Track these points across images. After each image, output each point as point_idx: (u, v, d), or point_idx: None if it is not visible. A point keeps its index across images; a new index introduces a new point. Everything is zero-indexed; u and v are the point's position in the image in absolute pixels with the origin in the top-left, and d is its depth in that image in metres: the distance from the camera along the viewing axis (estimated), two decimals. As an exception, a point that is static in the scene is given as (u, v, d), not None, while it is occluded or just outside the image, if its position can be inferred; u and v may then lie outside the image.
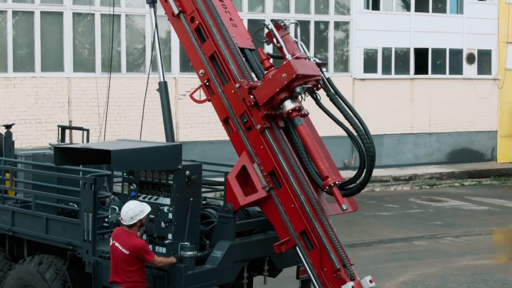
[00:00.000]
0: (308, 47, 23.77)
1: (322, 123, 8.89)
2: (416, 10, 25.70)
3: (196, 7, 8.47)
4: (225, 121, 8.35)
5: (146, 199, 7.74)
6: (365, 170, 7.75)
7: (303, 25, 23.83)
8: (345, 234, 15.66)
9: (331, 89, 8.26)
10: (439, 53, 26.28)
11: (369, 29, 24.69)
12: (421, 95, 25.82)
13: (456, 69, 26.59)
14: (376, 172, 24.13)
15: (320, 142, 8.41)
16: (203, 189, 8.84)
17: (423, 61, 25.99)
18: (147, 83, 9.62)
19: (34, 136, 20.08)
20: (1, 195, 9.77)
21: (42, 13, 20.09)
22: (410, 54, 25.67)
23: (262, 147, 7.95)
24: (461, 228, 17.88)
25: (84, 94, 20.54)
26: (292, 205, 7.72)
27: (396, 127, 25.47)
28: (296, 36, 8.59)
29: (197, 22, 8.46)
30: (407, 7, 25.81)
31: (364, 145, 7.69)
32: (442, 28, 25.99)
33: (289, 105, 7.78)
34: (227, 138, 8.33)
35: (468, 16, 26.55)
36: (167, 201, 7.61)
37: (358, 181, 7.82)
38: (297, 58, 7.85)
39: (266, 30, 8.64)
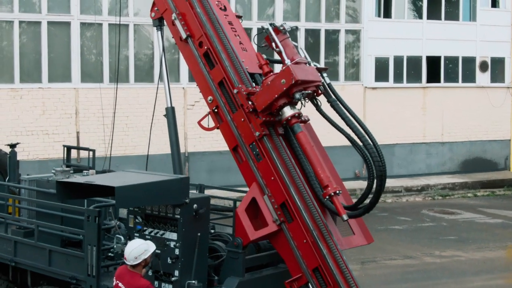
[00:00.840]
0: (318, 56, 23.47)
1: (332, 132, 8.54)
2: (429, 17, 25.29)
3: (204, 32, 8.16)
4: (234, 150, 8.05)
5: (152, 234, 7.44)
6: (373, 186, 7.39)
7: (314, 34, 23.51)
8: (357, 250, 15.18)
9: (332, 95, 7.99)
10: (451, 61, 25.87)
11: (380, 37, 24.33)
12: (433, 103, 25.41)
13: (469, 77, 26.16)
14: (388, 183, 23.59)
15: (321, 150, 8.18)
16: (211, 216, 8.55)
17: (436, 69, 25.58)
18: (156, 94, 9.23)
19: (41, 148, 19.83)
20: (4, 220, 9.53)
21: (49, 23, 19.84)
22: (422, 62, 25.27)
23: (272, 178, 7.63)
24: (475, 243, 17.49)
25: (92, 105, 20.26)
26: (305, 240, 7.40)
27: (408, 137, 25.08)
28: (298, 41, 8.43)
29: (205, 47, 8.15)
30: (419, 14, 25.42)
31: (373, 159, 7.34)
32: (454, 36, 25.58)
33: (288, 111, 7.55)
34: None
35: (481, 24, 26.11)
36: (173, 236, 7.30)
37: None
38: (296, 63, 7.61)
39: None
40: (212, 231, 8.69)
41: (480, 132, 26.37)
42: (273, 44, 7.96)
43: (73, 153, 20.16)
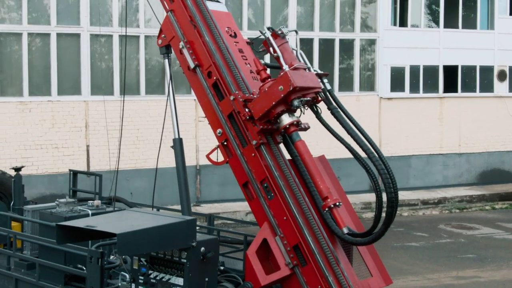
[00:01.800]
0: (333, 66, 23.03)
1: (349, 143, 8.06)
2: (445, 26, 24.76)
3: (213, 61, 7.76)
4: (244, 186, 7.64)
5: (157, 278, 7.04)
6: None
7: (328, 44, 23.05)
8: (373, 272, 14.84)
9: (332, 102, 7.71)
10: (469, 70, 25.32)
11: (396, 46, 23.84)
12: (450, 114, 24.88)
13: (487, 86, 25.60)
14: (404, 195, 23.33)
15: (328, 168, 7.86)
16: (221, 249, 8.13)
17: (453, 78, 25.05)
18: (166, 106, 8.78)
19: (50, 162, 19.51)
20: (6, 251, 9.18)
21: (58, 35, 19.50)
22: (439, 72, 24.74)
23: (285, 218, 7.21)
24: (494, 262, 16.96)
25: (102, 117, 19.86)
26: (319, 286, 6.98)
27: (425, 148, 24.57)
28: (297, 45, 8.01)
29: (214, 78, 7.75)
30: (436, 23, 24.89)
31: (383, 180, 6.91)
32: (472, 45, 25.05)
33: (286, 119, 7.28)
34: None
35: (499, 32, 25.55)
36: (180, 281, 6.89)
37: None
38: (295, 69, 7.31)
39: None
40: (221, 267, 8.28)
41: (498, 142, 25.80)
42: (271, 49, 7.65)
43: (83, 164, 19.95)
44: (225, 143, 7.74)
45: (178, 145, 8.27)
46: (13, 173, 11.72)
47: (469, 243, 18.95)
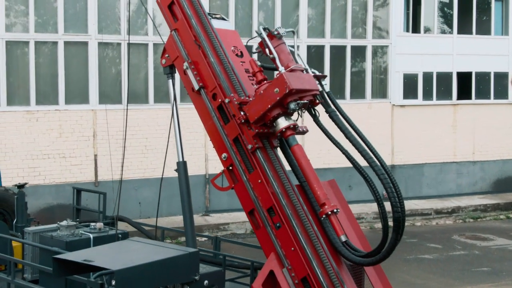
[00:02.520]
0: (344, 73, 22.67)
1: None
2: (459, 32, 24.34)
3: (218, 83, 7.43)
4: (250, 214, 7.31)
5: (159, 312, 6.73)
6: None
7: (340, 50, 22.69)
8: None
9: (331, 104, 7.38)
10: (483, 77, 24.88)
11: (409, 53, 23.45)
12: (464, 121, 24.46)
13: (501, 93, 25.16)
14: (418, 204, 22.95)
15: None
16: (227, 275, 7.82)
17: (466, 85, 24.63)
18: (172, 114, 8.40)
19: (58, 172, 19.27)
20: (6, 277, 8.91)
21: (66, 43, 19.25)
22: (452, 79, 24.32)
23: (293, 248, 6.88)
24: (510, 276, 16.55)
25: (110, 127, 19.58)
26: None
27: (438, 156, 24.15)
28: (295, 46, 7.70)
29: (219, 100, 7.43)
30: (449, 29, 24.48)
31: (386, 189, 6.57)
32: (486, 51, 24.61)
33: (282, 123, 7.00)
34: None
35: (514, 38, 25.15)
36: (182, 316, 6.59)
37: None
38: (291, 70, 7.02)
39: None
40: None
41: (513, 150, 25.40)
42: (267, 50, 7.35)
43: (91, 174, 19.70)
44: (231, 168, 7.42)
45: (182, 169, 7.91)
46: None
47: (484, 255, 18.55)
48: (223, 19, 8.30)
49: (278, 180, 7.03)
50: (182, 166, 7.95)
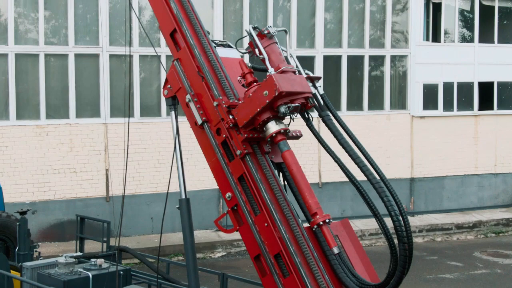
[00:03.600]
0: (362, 83, 22.10)
1: (379, 164, 7.06)
2: (480, 41, 23.65)
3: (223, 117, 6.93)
4: (256, 259, 6.78)
5: None
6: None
7: (357, 61, 22.12)
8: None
9: (327, 108, 6.93)
10: (505, 87, 24.17)
11: (428, 62, 22.80)
12: (486, 132, 23.77)
13: (525, 103, 24.47)
14: (438, 219, 22.31)
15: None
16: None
17: (488, 95, 23.93)
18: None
19: (68, 187, 18.88)
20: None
21: (76, 55, 18.86)
22: (473, 89, 23.64)
23: None
24: (534, 298, 15.96)
25: (122, 140, 19.19)
26: None
27: (459, 168, 23.48)
28: (287, 46, 7.19)
29: (224, 135, 6.92)
30: (470, 38, 23.80)
31: (387, 208, 6.05)
32: (508, 60, 23.91)
33: (272, 127, 6.58)
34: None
35: (537, 46, 24.41)
36: None
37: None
38: (282, 72, 6.63)
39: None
40: None
41: (536, 162, 24.65)
42: (256, 51, 6.90)
43: (102, 189, 19.27)
44: (235, 208, 6.91)
45: (184, 207, 7.40)
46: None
47: (506, 275, 17.90)
48: (229, 46, 7.79)
49: (266, 184, 6.57)
50: (184, 204, 7.43)
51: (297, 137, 7.04)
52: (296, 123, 7.09)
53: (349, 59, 21.94)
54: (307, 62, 21.19)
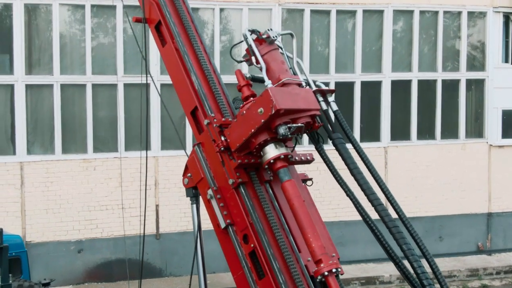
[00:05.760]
0: (434, 110, 20.34)
1: (450, 196, 5.59)
2: None
3: (250, 222, 5.51)
4: None
5: None
6: None
7: (428, 85, 20.37)
8: None
9: (342, 130, 5.75)
10: None
11: (508, 86, 20.83)
12: None
13: None
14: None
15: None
16: None
17: None
18: None
19: (116, 224, 17.80)
20: None
21: (125, 85, 17.79)
22: (559, 114, 21.53)
23: None
24: None
25: (172, 174, 18.08)
26: None
27: (543, 203, 21.41)
28: (293, 51, 5.92)
29: (252, 245, 5.50)
30: (555, 58, 21.72)
31: (408, 259, 5.14)
32: None
33: (271, 152, 5.30)
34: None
35: None
36: None
37: None
38: (283, 84, 5.47)
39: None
40: None
41: None
42: (253, 59, 5.66)
43: (152, 226, 18.16)
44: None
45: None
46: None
47: None
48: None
49: (267, 226, 5.33)
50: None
51: (307, 161, 5.82)
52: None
53: (419, 83, 20.20)
54: (373, 87, 19.62)
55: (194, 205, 6.12)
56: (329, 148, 5.72)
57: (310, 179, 6.10)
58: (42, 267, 17.13)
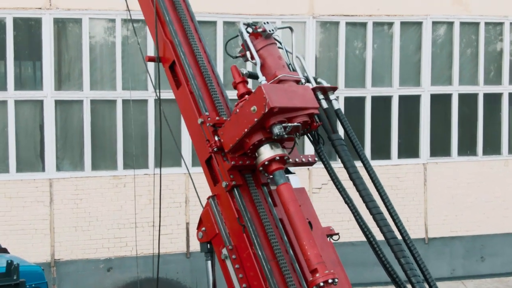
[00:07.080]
0: (475, 125, 19.63)
1: (492, 215, 5.18)
2: None
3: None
4: None
5: None
6: None
7: (470, 99, 19.64)
8: None
9: (344, 129, 5.54)
10: None
11: (554, 99, 20.04)
12: None
13: None
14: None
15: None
16: None
17: None
18: None
19: (146, 242, 17.45)
20: None
21: (156, 101, 17.44)
22: None
23: None
24: None
25: (204, 191, 17.54)
26: None
27: None
28: (292, 45, 5.79)
29: None
30: None
31: (409, 278, 4.94)
32: None
33: (265, 153, 5.03)
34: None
35: None
36: None
37: None
38: (279, 81, 5.22)
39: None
40: None
41: None
42: (248, 54, 5.46)
43: (182, 244, 17.78)
44: None
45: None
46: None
47: None
48: (289, 172, 5.85)
49: (262, 232, 5.07)
50: None
51: (308, 163, 5.58)
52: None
53: (460, 97, 19.48)
54: (412, 101, 18.99)
55: (209, 262, 5.68)
56: (337, 165, 5.32)
57: (337, 234, 5.64)
58: (71, 285, 16.88)
